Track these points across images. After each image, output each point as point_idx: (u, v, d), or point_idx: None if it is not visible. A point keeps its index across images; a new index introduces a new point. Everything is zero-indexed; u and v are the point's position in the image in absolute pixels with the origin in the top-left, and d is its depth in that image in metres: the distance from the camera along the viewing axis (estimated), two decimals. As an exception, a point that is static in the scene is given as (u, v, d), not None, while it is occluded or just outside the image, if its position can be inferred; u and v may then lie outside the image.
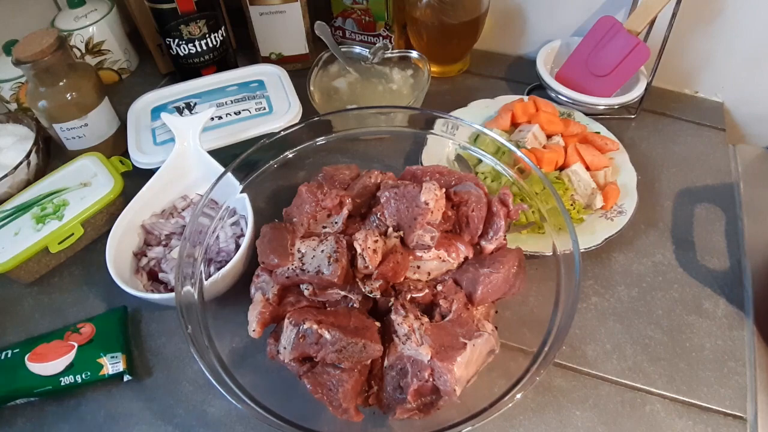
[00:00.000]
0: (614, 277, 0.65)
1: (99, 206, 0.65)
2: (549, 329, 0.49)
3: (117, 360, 0.57)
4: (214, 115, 0.73)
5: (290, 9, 0.83)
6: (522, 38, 0.92)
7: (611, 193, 0.67)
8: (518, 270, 0.54)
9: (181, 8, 0.76)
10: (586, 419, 0.54)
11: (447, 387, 0.47)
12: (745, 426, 0.54)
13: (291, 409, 0.46)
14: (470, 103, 0.80)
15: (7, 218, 0.64)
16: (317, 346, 0.48)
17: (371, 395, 0.51)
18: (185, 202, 0.68)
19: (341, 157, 0.74)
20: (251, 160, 0.60)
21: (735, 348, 0.59)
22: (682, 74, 0.85)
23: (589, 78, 0.78)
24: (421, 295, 0.53)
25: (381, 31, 0.88)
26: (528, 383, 0.46)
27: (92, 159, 0.70)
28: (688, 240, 0.68)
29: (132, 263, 0.63)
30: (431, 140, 0.72)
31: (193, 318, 0.50)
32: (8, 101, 0.80)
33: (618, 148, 0.73)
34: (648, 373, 0.57)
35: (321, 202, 0.57)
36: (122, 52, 0.90)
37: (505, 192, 0.56)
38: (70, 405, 0.56)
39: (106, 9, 0.86)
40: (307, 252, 0.53)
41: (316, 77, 0.81)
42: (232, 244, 0.62)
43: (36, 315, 0.63)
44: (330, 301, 0.54)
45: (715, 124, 0.82)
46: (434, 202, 0.53)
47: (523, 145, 0.70)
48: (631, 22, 0.74)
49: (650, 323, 0.61)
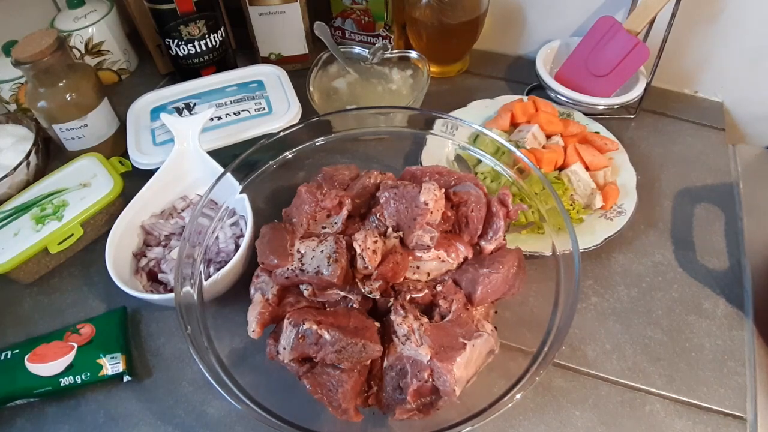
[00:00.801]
0: (614, 277, 0.65)
1: (98, 207, 0.65)
2: (548, 329, 0.49)
3: (117, 360, 0.57)
4: (214, 116, 0.73)
5: (290, 9, 0.83)
6: (521, 38, 0.92)
7: (611, 193, 0.67)
8: (518, 270, 0.54)
9: (181, 9, 0.76)
10: (586, 419, 0.54)
11: (446, 387, 0.47)
12: (744, 426, 0.54)
13: (291, 410, 0.46)
14: (470, 104, 0.80)
15: (6, 219, 0.64)
16: (317, 346, 0.48)
17: (371, 395, 0.51)
18: (185, 202, 0.68)
19: (341, 157, 0.74)
20: (251, 161, 0.60)
21: (735, 348, 0.59)
22: (681, 74, 0.85)
23: (588, 78, 0.78)
24: (421, 296, 0.53)
25: (380, 31, 0.88)
26: (528, 383, 0.46)
27: (92, 159, 0.70)
28: (687, 240, 0.68)
29: (131, 264, 0.63)
30: (431, 140, 0.72)
31: (192, 318, 0.50)
32: (8, 102, 0.80)
33: (617, 148, 0.73)
34: (648, 373, 0.57)
35: (320, 202, 0.57)
36: (122, 53, 0.90)
37: (505, 192, 0.56)
38: (69, 405, 0.56)
39: (105, 9, 0.86)
40: (306, 252, 0.53)
41: (315, 77, 0.81)
42: (232, 244, 0.62)
43: (36, 316, 0.63)
44: (329, 302, 0.54)
45: (715, 123, 0.82)
46: (434, 203, 0.53)
47: (523, 146, 0.70)
48: (631, 22, 0.74)
49: (650, 323, 0.61)
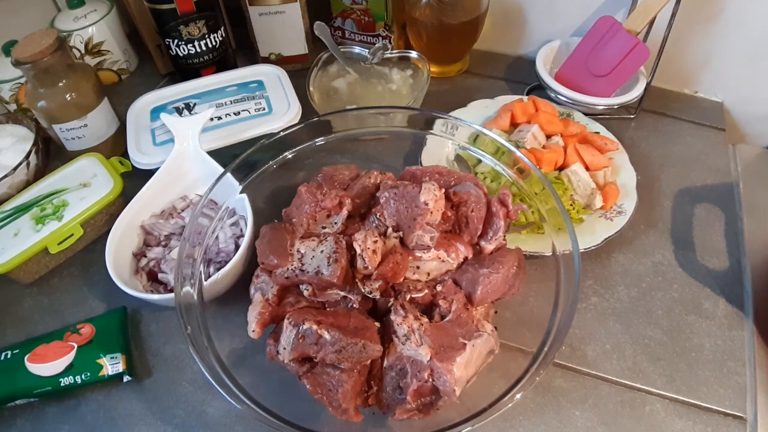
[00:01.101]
0: (614, 277, 0.65)
1: (98, 207, 0.65)
2: (548, 329, 0.49)
3: (117, 360, 0.57)
4: (214, 116, 0.73)
5: (289, 9, 0.83)
6: (521, 38, 0.92)
7: (611, 193, 0.67)
8: (518, 270, 0.54)
9: (181, 9, 0.76)
10: (586, 419, 0.54)
11: (446, 387, 0.47)
12: (744, 426, 0.54)
13: (291, 410, 0.46)
14: (470, 104, 0.80)
15: (6, 219, 0.64)
16: (317, 346, 0.48)
17: (371, 395, 0.51)
18: (185, 202, 0.68)
19: (341, 157, 0.74)
20: (251, 161, 0.60)
21: (735, 348, 0.59)
22: (681, 74, 0.85)
23: (588, 78, 0.78)
24: (421, 296, 0.53)
25: (380, 31, 0.88)
26: (528, 383, 0.46)
27: (92, 159, 0.70)
28: (687, 240, 0.68)
29: (131, 264, 0.63)
30: (431, 140, 0.72)
31: (192, 318, 0.50)
32: (8, 102, 0.80)
33: (617, 148, 0.73)
34: (648, 373, 0.57)
35: (320, 202, 0.57)
36: (122, 53, 0.90)
37: (505, 192, 0.56)
38: (69, 405, 0.56)
39: (105, 9, 0.86)
40: (306, 252, 0.53)
41: (315, 77, 0.81)
42: (232, 244, 0.62)
43: (35, 316, 0.63)
44: (329, 302, 0.54)
45: (715, 123, 0.82)
46: (434, 203, 0.53)
47: (523, 146, 0.70)
48: (631, 22, 0.74)
49: (650, 323, 0.61)
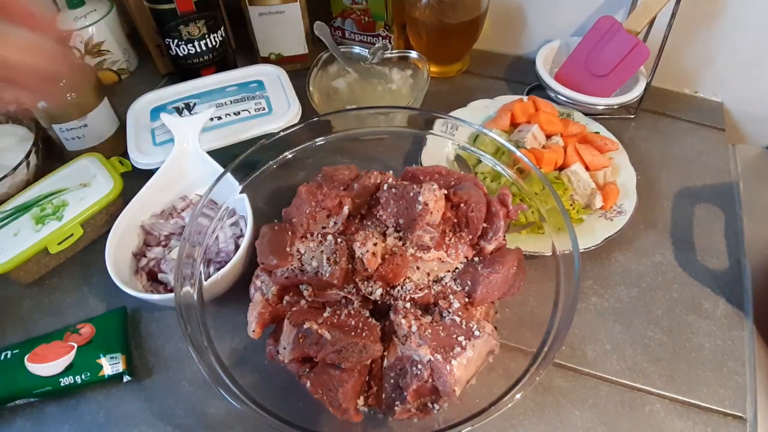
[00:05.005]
0: (614, 277, 0.65)
1: (98, 207, 0.65)
2: (548, 329, 0.49)
3: (116, 360, 0.57)
4: (214, 116, 0.73)
5: (289, 9, 0.83)
6: (521, 38, 0.92)
7: (611, 193, 0.67)
8: (518, 270, 0.54)
9: (181, 9, 0.76)
10: (586, 419, 0.54)
11: (446, 387, 0.47)
12: (744, 426, 0.54)
13: (291, 410, 0.46)
14: (469, 104, 0.80)
15: (6, 219, 0.64)
16: (317, 346, 0.48)
17: (371, 395, 0.51)
18: (185, 202, 0.68)
19: (341, 157, 0.74)
20: (251, 161, 0.60)
21: (735, 348, 0.59)
22: (681, 74, 0.85)
23: (588, 78, 0.78)
24: (421, 296, 0.53)
25: (380, 31, 0.88)
26: (528, 383, 0.46)
27: (92, 159, 0.70)
28: (687, 240, 0.68)
29: (131, 264, 0.63)
30: (431, 140, 0.72)
31: (192, 318, 0.50)
32: (8, 102, 0.80)
33: (617, 148, 0.73)
34: (648, 373, 0.57)
35: (320, 202, 0.57)
36: (122, 53, 0.90)
37: (505, 192, 0.56)
38: (69, 405, 0.56)
39: (105, 9, 0.86)
40: (306, 252, 0.53)
41: (315, 77, 0.81)
42: (232, 244, 0.62)
43: (35, 315, 0.63)
44: (329, 302, 0.54)
45: (715, 124, 0.82)
46: (433, 203, 0.53)
47: (523, 146, 0.70)
48: (631, 22, 0.74)
49: (650, 323, 0.61)
